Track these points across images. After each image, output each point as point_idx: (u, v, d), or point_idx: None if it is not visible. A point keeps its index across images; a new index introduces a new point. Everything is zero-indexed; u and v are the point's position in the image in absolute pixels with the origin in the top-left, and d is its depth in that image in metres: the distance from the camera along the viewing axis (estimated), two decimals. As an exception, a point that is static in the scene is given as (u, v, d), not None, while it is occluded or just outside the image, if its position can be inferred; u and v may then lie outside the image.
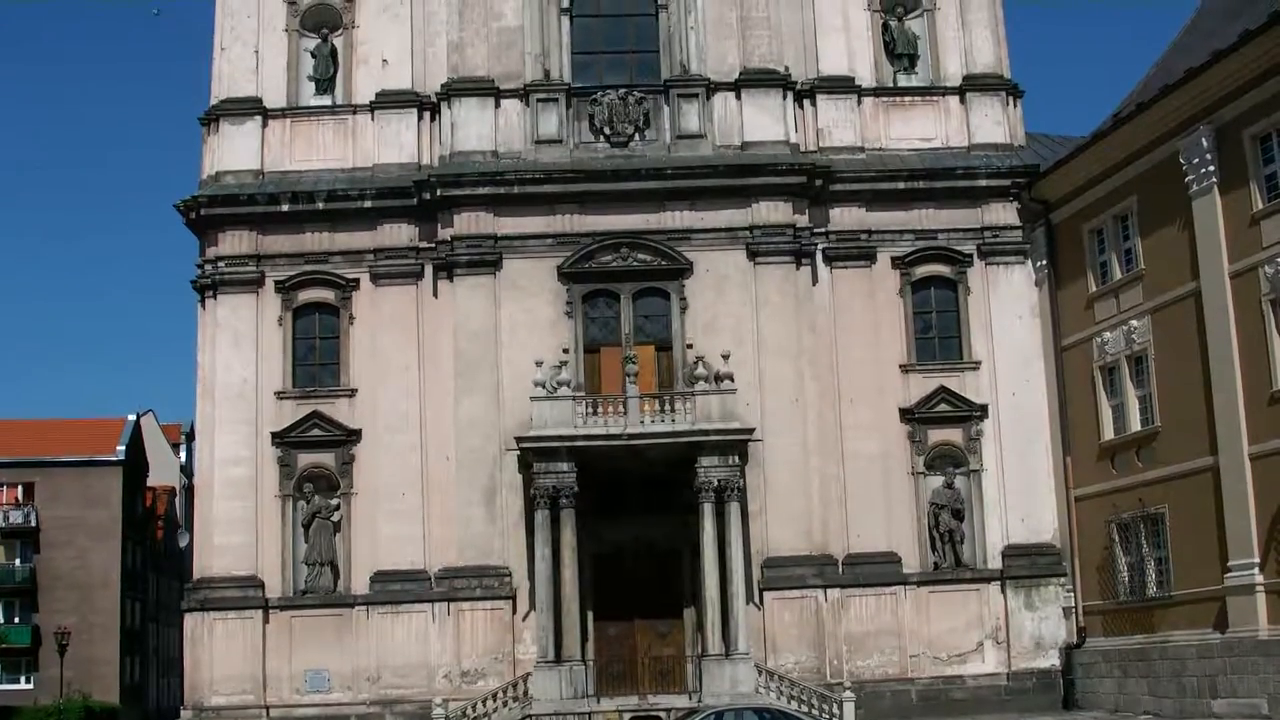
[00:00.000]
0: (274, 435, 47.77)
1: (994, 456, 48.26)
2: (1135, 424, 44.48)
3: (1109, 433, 45.66)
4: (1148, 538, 43.70)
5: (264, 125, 50.13)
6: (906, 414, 48.30)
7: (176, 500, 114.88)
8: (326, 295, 48.95)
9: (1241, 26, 39.86)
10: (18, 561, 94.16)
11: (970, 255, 49.33)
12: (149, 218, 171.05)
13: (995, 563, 47.67)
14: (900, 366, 48.65)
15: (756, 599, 46.36)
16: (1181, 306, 42.17)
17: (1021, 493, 48.09)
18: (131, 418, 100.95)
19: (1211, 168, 40.66)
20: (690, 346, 47.64)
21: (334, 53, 50.96)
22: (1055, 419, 47.99)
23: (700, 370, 45.87)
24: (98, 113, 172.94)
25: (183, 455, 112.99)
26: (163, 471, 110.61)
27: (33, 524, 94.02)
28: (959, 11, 51.38)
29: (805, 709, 43.15)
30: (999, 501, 48.05)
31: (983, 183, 49.57)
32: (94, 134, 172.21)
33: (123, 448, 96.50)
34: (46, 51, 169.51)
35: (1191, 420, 41.48)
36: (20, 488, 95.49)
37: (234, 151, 49.80)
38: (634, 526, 46.89)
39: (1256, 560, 38.77)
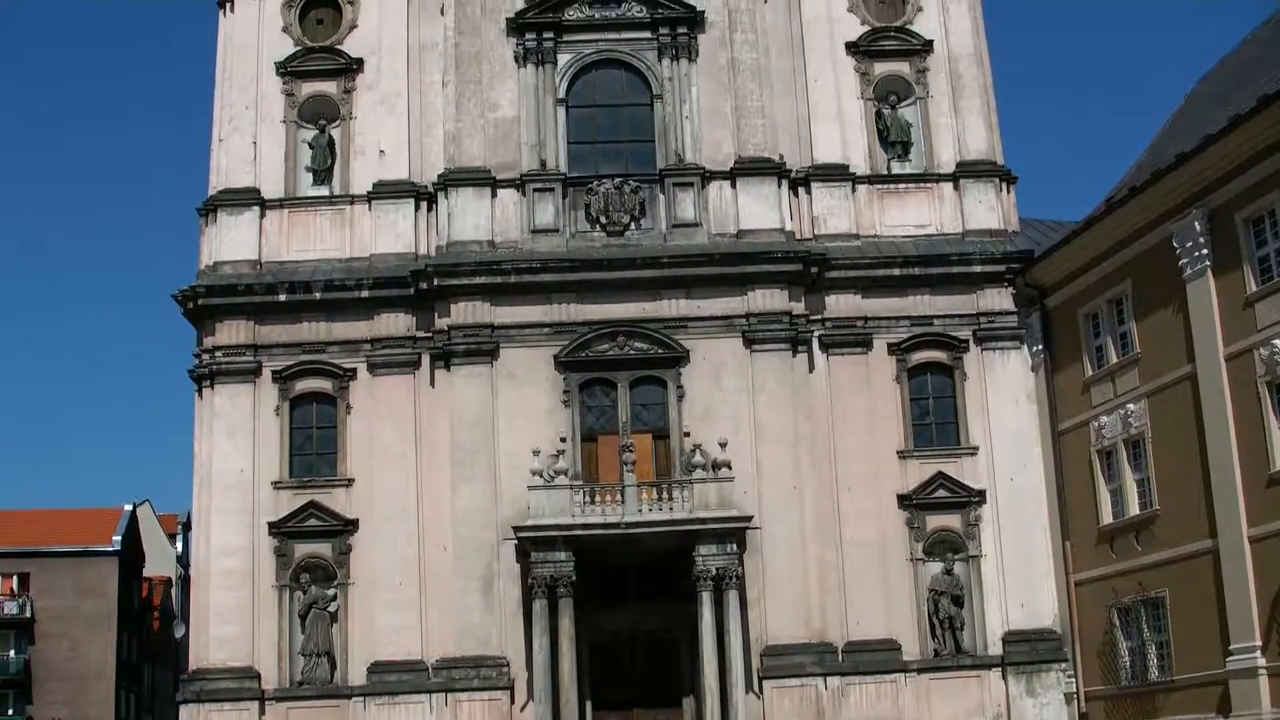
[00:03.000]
0: (271, 525, 47.61)
1: (993, 542, 48.12)
2: (1134, 508, 44.41)
3: (1107, 517, 45.57)
4: (1148, 622, 43.51)
5: (262, 215, 50.33)
6: (904, 500, 48.21)
7: (172, 591, 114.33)
8: (324, 385, 48.96)
9: (1231, 111, 40.23)
10: (12, 653, 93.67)
11: (966, 341, 49.46)
12: (146, 307, 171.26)
13: (996, 649, 47.39)
14: (898, 453, 48.61)
15: (756, 688, 45.98)
16: (1178, 390, 42.20)
17: (1021, 578, 47.90)
18: (127, 507, 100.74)
19: (1205, 251, 40.84)
20: (687, 434, 47.55)
21: (331, 144, 51.27)
22: (1053, 503, 47.93)
23: (698, 458, 45.79)
24: (95, 202, 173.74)
25: (179, 545, 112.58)
26: (159, 562, 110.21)
27: (27, 615, 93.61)
28: (951, 99, 51.81)
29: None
30: (998, 587, 47.84)
31: (977, 269, 49.75)
32: (91, 223, 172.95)
33: (118, 538, 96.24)
34: (45, 137, 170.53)
35: (1190, 503, 41.42)
36: (15, 578, 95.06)
37: (232, 241, 49.97)
38: (632, 615, 46.69)
39: (1258, 643, 38.56)
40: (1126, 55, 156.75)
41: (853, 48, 52.00)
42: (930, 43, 52.26)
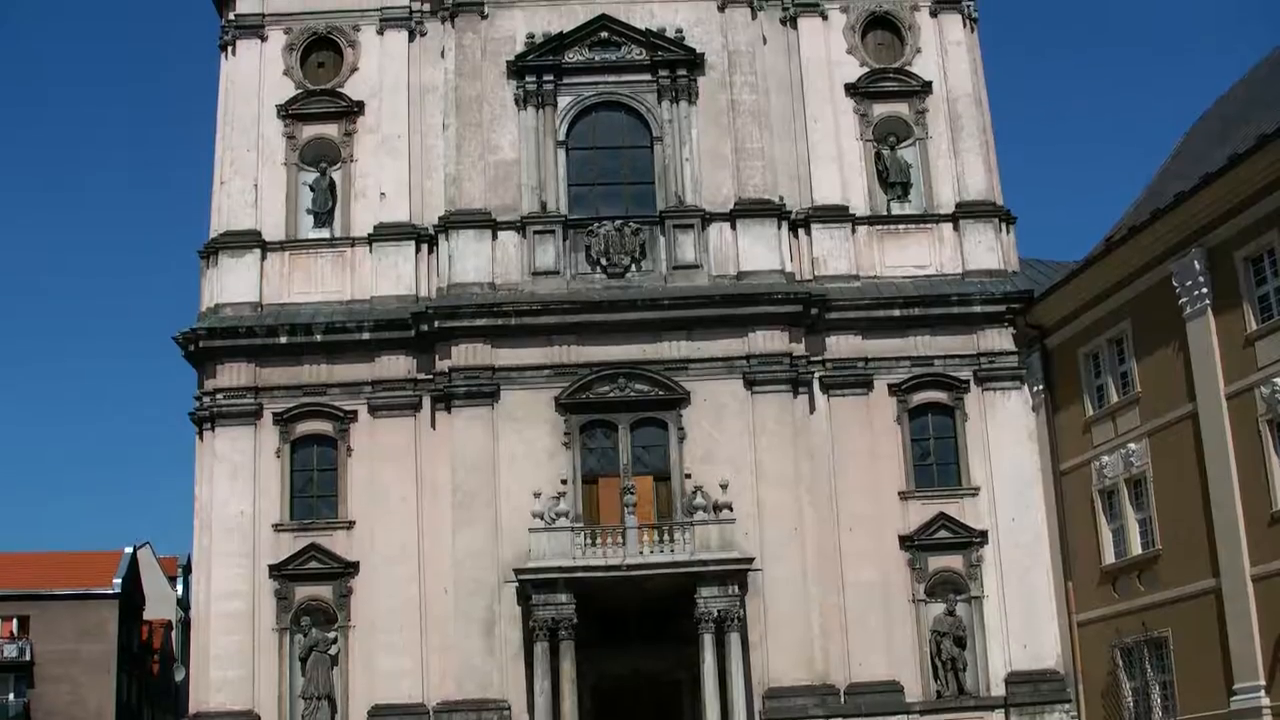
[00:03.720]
0: (271, 568, 47.51)
1: (995, 582, 48.00)
2: (1136, 547, 44.34)
3: (1109, 556, 45.49)
4: (1152, 662, 43.38)
5: (263, 258, 50.47)
6: (906, 541, 48.11)
7: (173, 634, 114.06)
8: (324, 427, 48.96)
9: (1229, 150, 40.39)
10: (11, 696, 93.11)
11: (967, 381, 49.47)
12: (147, 349, 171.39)
13: (998, 690, 47.17)
14: (899, 493, 48.56)
15: (759, 730, 45.88)
16: (1179, 429, 42.20)
17: (1023, 618, 47.75)
18: (128, 550, 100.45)
19: (1204, 290, 40.91)
20: (688, 476, 47.55)
21: (332, 186, 51.47)
22: (1055, 544, 47.83)
23: (699, 500, 45.75)
24: (95, 245, 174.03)
25: (179, 588, 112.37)
26: (159, 604, 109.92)
27: (27, 658, 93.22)
28: (950, 140, 52.02)
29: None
30: (1001, 628, 47.70)
31: (978, 309, 49.82)
32: (91, 265, 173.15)
33: (119, 580, 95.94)
34: (45, 180, 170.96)
35: (1192, 542, 41.36)
36: (15, 621, 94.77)
37: (233, 284, 50.10)
38: (634, 658, 46.52)
39: (1262, 683, 38.43)
40: (1125, 95, 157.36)
41: (852, 89, 52.32)
42: (929, 84, 52.52)
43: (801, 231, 50.65)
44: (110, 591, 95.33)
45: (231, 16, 53.09)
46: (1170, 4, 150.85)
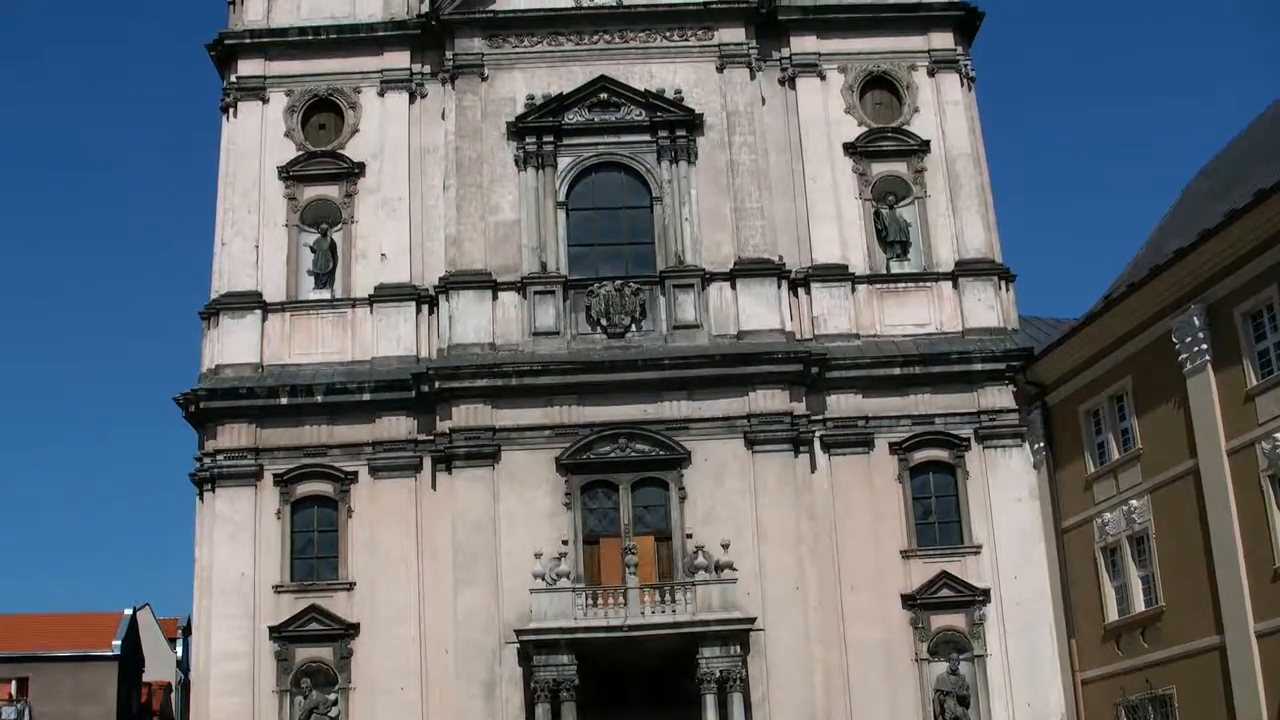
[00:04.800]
0: (271, 629, 47.34)
1: (998, 641, 47.79)
2: (1139, 604, 44.19)
3: (1113, 614, 45.34)
4: (1157, 720, 43.27)
5: (263, 319, 50.60)
6: (908, 600, 47.94)
7: (172, 696, 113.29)
8: (325, 488, 48.91)
9: (1227, 206, 40.46)
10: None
11: (968, 439, 49.44)
12: (147, 410, 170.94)
13: (1004, 750, 47.01)
14: (901, 552, 48.40)
15: (762, 792, 45.56)
16: (1180, 485, 42.14)
17: (1027, 677, 47.51)
18: (128, 612, 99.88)
19: (1204, 346, 40.93)
20: (690, 536, 47.43)
21: (333, 247, 51.65)
22: (1058, 601, 47.70)
23: (700, 560, 45.66)
24: (95, 307, 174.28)
25: (179, 650, 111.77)
26: (159, 666, 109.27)
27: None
28: (949, 199, 52.20)
29: None
30: (1005, 686, 47.44)
31: (978, 367, 49.83)
32: (91, 327, 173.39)
33: (118, 642, 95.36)
34: (46, 244, 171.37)
35: (1196, 599, 41.22)
36: (14, 683, 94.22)
37: (233, 345, 50.21)
38: (636, 719, 46.26)
39: (1268, 740, 38.29)
40: (1123, 151, 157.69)
41: (850, 149, 52.55)
42: (927, 143, 52.75)
43: (801, 290, 50.78)
44: (109, 653, 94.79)
45: (233, 79, 53.49)
46: (1169, 62, 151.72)
